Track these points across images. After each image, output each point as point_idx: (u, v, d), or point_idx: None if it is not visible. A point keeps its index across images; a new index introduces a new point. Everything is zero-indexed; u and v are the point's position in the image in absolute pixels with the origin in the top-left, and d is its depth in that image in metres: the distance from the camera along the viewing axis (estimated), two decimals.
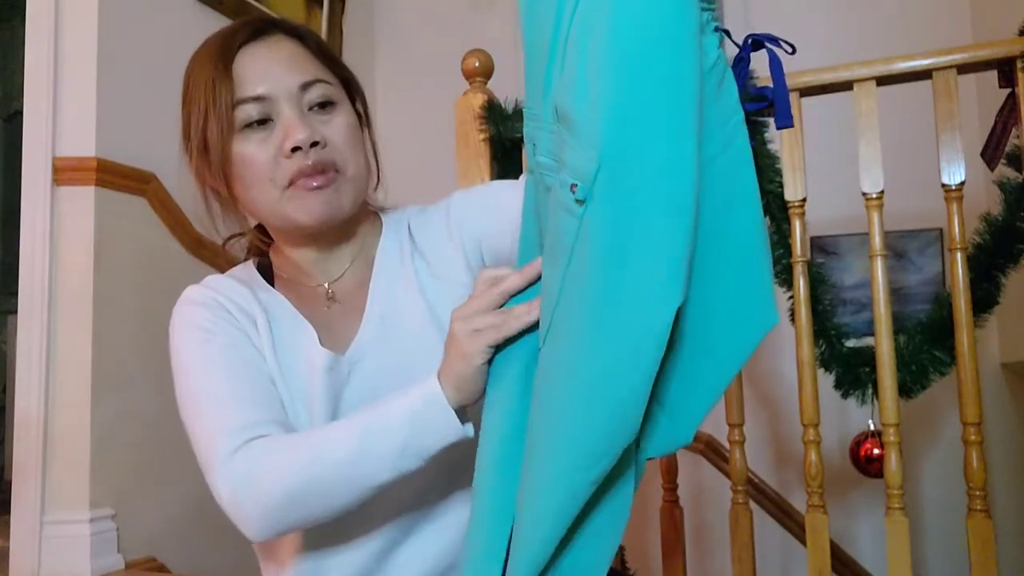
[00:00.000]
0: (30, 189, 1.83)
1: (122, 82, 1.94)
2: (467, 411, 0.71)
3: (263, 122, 0.79)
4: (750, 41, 0.69)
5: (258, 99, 0.78)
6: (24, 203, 1.84)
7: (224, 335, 0.79)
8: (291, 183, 0.78)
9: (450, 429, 0.69)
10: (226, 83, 0.78)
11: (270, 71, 0.79)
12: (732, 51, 0.68)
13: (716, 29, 0.61)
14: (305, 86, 0.80)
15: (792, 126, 0.72)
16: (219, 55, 0.79)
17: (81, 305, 1.82)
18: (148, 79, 2.00)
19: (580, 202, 0.56)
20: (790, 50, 0.69)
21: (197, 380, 0.78)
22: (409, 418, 0.69)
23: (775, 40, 0.68)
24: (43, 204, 1.82)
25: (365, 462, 0.69)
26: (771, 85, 0.71)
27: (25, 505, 1.76)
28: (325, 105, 0.81)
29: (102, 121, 1.88)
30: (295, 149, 0.77)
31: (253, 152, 0.78)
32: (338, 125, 0.81)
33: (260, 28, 0.83)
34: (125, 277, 1.91)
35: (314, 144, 0.78)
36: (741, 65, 0.70)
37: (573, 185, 0.57)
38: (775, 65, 0.70)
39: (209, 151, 0.79)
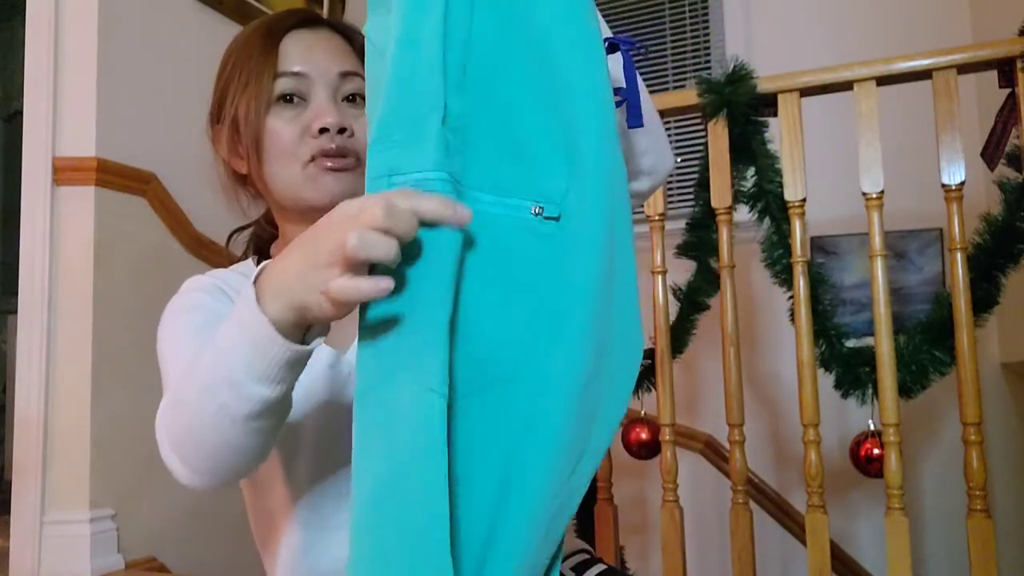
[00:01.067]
0: (30, 189, 1.83)
1: (122, 82, 1.94)
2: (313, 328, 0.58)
3: (296, 100, 0.81)
4: (606, 44, 0.70)
5: (296, 75, 0.81)
6: (24, 203, 1.84)
7: (210, 314, 0.78)
8: (312, 159, 0.80)
9: (275, 345, 0.55)
10: (271, 57, 0.81)
11: (313, 54, 0.82)
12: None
13: None
14: (344, 75, 0.82)
15: (643, 126, 0.74)
16: (268, 33, 0.82)
17: (81, 305, 1.82)
18: (148, 79, 2.00)
19: (553, 218, 0.58)
20: (642, 54, 0.72)
21: (166, 345, 0.77)
22: (238, 334, 0.57)
23: (629, 43, 0.71)
24: (43, 204, 1.82)
25: (221, 388, 0.58)
26: (624, 86, 0.74)
27: (25, 505, 1.76)
28: (358, 99, 0.83)
29: (102, 121, 1.88)
30: (323, 130, 0.79)
31: (281, 127, 0.80)
32: (368, 122, 0.82)
33: (310, 18, 0.86)
34: (125, 277, 1.91)
35: (342, 131, 0.80)
36: None
37: (537, 207, 0.58)
38: (628, 66, 0.71)
39: (240, 124, 0.81)
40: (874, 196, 1.51)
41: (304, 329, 0.57)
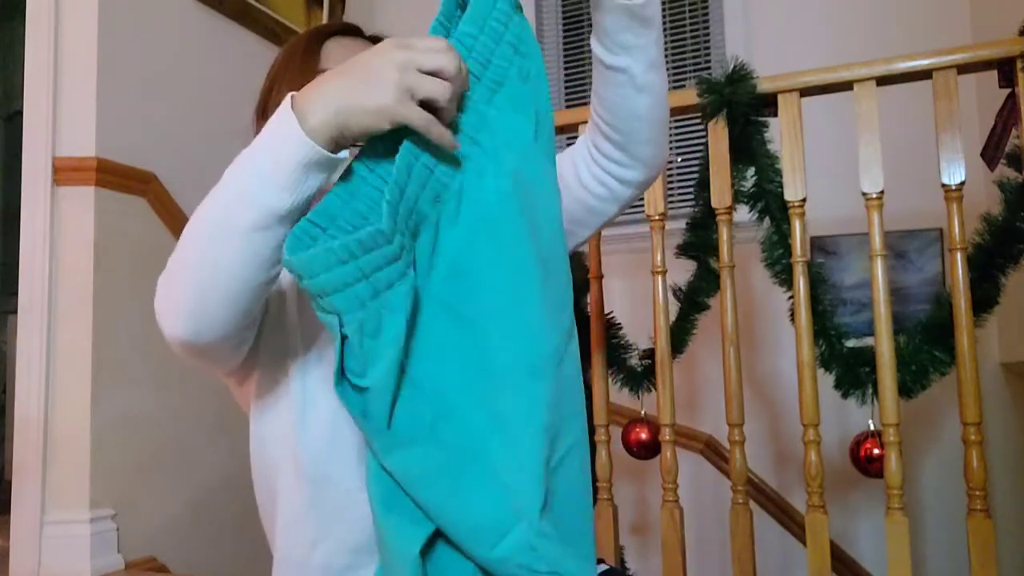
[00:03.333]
0: (30, 189, 1.83)
1: (122, 82, 1.94)
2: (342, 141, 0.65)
3: None
4: None
5: None
6: (24, 203, 1.84)
7: None
8: None
9: (292, 140, 0.61)
10: (315, 55, 0.89)
11: (350, 56, 0.87)
12: None
13: None
14: None
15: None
16: (311, 37, 0.91)
17: (81, 305, 1.82)
18: (148, 79, 2.00)
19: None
20: None
21: None
22: (267, 136, 0.64)
23: None
24: (43, 204, 1.82)
25: (230, 197, 0.66)
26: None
27: (25, 505, 1.76)
28: None
29: (102, 121, 1.88)
30: None
31: None
32: None
33: (351, 28, 0.96)
34: (125, 277, 1.91)
35: None
36: None
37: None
38: None
39: None
40: (874, 196, 1.51)
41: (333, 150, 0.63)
